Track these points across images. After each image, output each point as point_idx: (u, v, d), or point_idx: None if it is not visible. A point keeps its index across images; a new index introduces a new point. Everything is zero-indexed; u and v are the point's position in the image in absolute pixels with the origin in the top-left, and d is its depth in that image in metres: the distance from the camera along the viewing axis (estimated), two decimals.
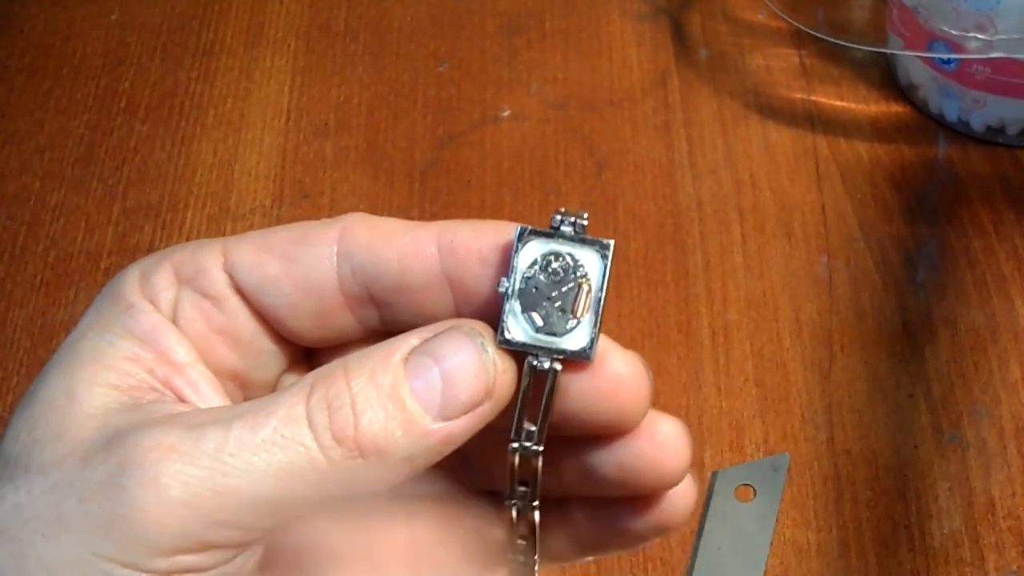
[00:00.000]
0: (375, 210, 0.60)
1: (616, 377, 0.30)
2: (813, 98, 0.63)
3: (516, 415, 0.29)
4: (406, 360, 0.28)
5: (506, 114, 0.64)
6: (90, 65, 0.69)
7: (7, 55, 0.70)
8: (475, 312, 0.31)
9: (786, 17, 0.63)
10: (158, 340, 0.30)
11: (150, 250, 0.60)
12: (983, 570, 0.47)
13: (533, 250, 0.30)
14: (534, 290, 0.30)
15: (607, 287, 0.30)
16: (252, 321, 0.31)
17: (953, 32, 0.56)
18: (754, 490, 0.50)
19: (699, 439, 0.51)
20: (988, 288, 0.55)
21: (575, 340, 0.30)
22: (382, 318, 0.32)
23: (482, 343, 0.29)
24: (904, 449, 0.50)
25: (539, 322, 0.30)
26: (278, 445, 0.27)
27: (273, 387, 0.33)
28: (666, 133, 0.62)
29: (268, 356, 0.32)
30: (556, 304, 0.30)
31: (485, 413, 0.28)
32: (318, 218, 0.64)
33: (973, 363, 0.52)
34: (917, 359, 0.53)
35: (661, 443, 0.32)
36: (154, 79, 0.68)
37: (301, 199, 0.62)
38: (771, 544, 0.48)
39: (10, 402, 0.55)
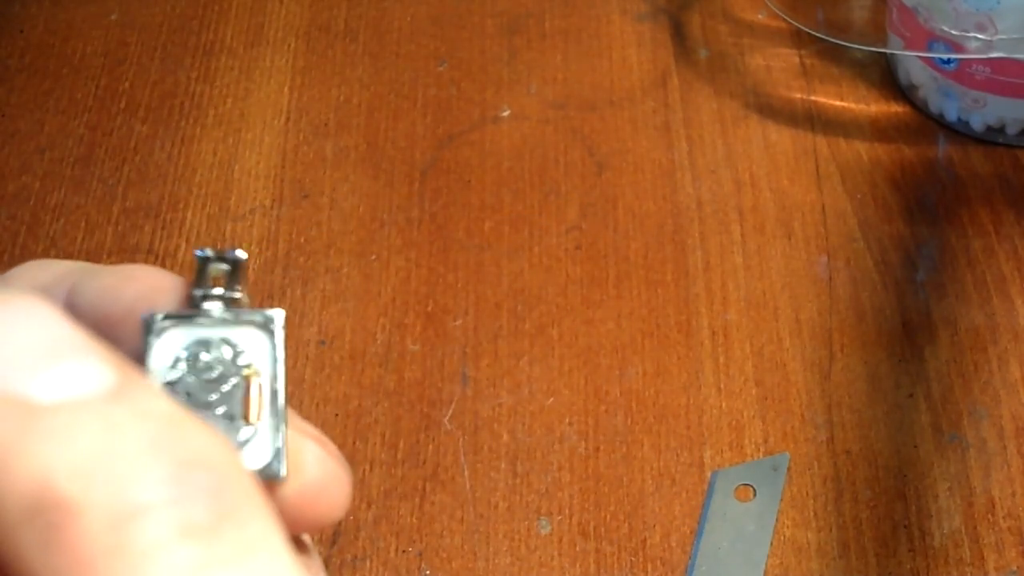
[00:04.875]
0: (375, 210, 0.61)
1: (314, 487, 0.23)
2: (813, 98, 0.63)
3: None
4: None
5: (506, 114, 0.64)
6: (90, 65, 0.69)
7: (7, 55, 0.70)
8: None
9: (786, 17, 0.63)
10: None
11: (150, 250, 0.60)
12: (983, 570, 0.47)
13: (174, 342, 0.22)
14: (185, 397, 0.22)
15: (284, 375, 0.23)
16: None
17: (953, 32, 0.56)
18: (754, 490, 0.50)
19: (699, 439, 0.51)
20: (988, 288, 0.55)
21: (255, 455, 0.22)
22: None
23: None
24: (904, 449, 0.50)
25: None
26: None
27: None
28: (666, 133, 0.62)
29: None
30: (219, 411, 0.22)
31: None
32: (318, 218, 0.64)
33: (973, 363, 0.53)
34: (917, 359, 0.53)
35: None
36: (154, 79, 0.68)
37: (301, 199, 0.62)
38: (771, 544, 0.48)
39: None
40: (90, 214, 0.62)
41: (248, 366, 0.22)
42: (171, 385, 0.22)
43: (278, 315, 0.23)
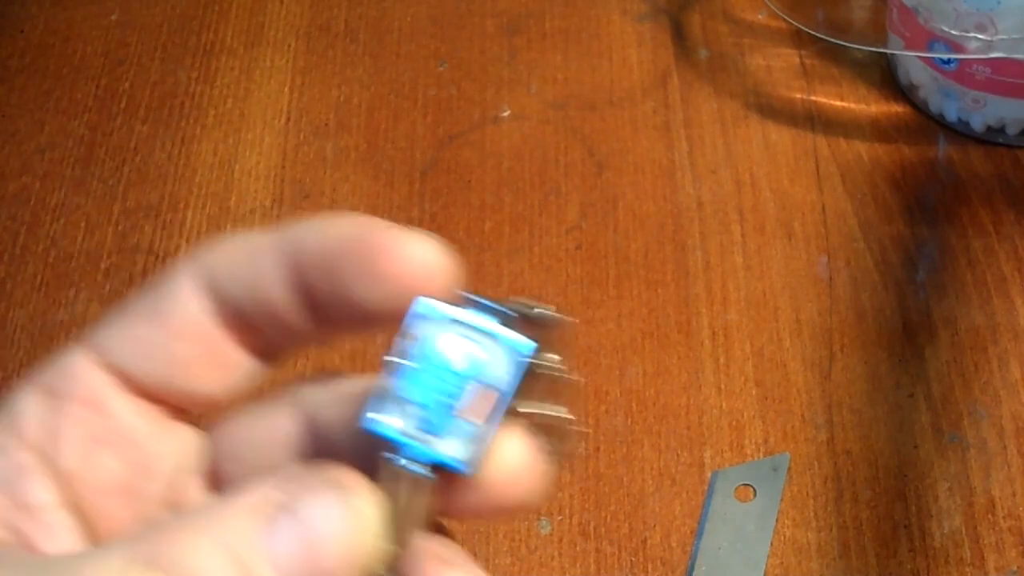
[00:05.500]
0: (375, 210, 0.61)
1: (507, 479, 0.25)
2: (813, 98, 0.63)
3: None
4: (263, 515, 0.23)
5: (506, 114, 0.64)
6: (90, 65, 0.69)
7: (7, 55, 0.70)
8: (334, 331, 0.27)
9: (786, 17, 0.63)
10: (14, 483, 0.26)
11: (150, 250, 0.60)
12: (983, 570, 0.47)
13: (440, 326, 0.25)
14: (425, 376, 0.24)
15: (512, 397, 0.24)
16: (143, 418, 0.27)
17: (953, 32, 0.56)
18: (754, 490, 0.50)
19: (699, 439, 0.51)
20: (988, 288, 0.55)
21: (456, 447, 0.24)
22: (268, 346, 0.28)
23: (356, 503, 0.23)
24: (904, 449, 0.50)
25: (419, 414, 0.24)
26: None
27: (174, 500, 0.28)
28: (666, 133, 0.62)
29: (166, 460, 0.28)
30: (445, 399, 0.24)
31: None
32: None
33: (973, 363, 0.53)
34: (917, 359, 0.53)
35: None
36: (154, 79, 0.68)
37: (301, 199, 0.62)
38: (771, 544, 0.48)
39: None
40: (90, 214, 0.62)
41: (491, 376, 0.24)
42: (420, 358, 0.24)
43: (528, 348, 0.24)
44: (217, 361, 0.28)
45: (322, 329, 0.27)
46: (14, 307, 0.59)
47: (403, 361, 0.24)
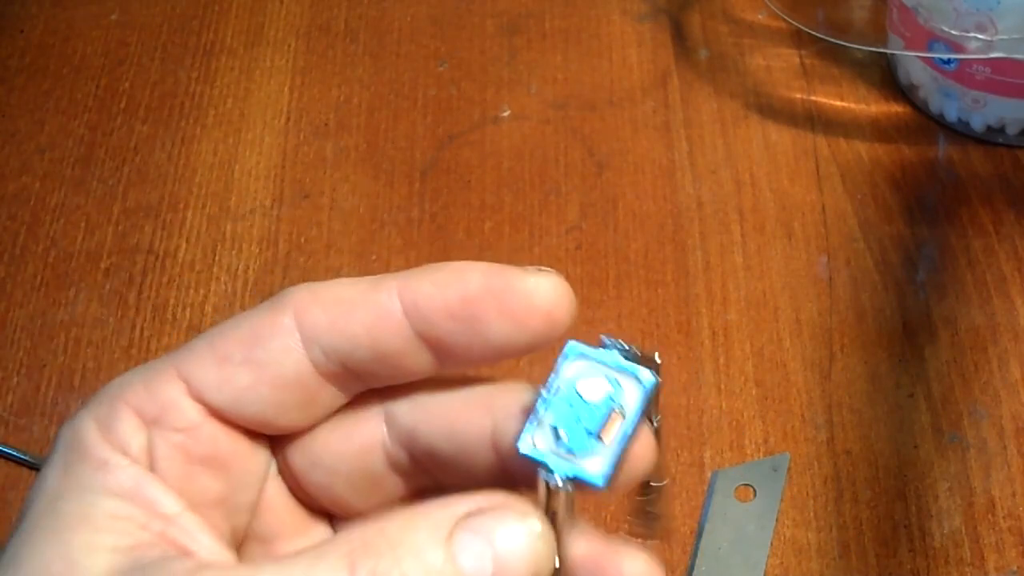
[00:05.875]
0: (375, 210, 0.61)
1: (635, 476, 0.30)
2: (813, 98, 0.63)
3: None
4: (448, 531, 0.26)
5: (506, 114, 0.64)
6: (90, 65, 0.69)
7: (7, 55, 0.70)
8: (458, 367, 0.30)
9: (786, 17, 0.63)
10: (142, 495, 0.28)
11: (150, 250, 0.60)
12: (983, 570, 0.47)
13: (578, 366, 0.29)
14: (568, 406, 0.29)
15: (639, 421, 0.29)
16: (231, 439, 0.30)
17: (953, 32, 0.56)
18: (754, 490, 0.50)
19: (699, 439, 0.51)
20: (988, 288, 0.55)
21: (593, 464, 0.29)
22: (366, 383, 0.31)
23: (535, 526, 0.27)
24: (904, 449, 0.50)
25: (564, 438, 0.29)
26: None
27: (255, 505, 0.31)
28: (666, 133, 0.62)
29: (253, 473, 0.31)
30: (585, 425, 0.29)
31: None
32: (319, 218, 0.64)
33: (973, 363, 0.53)
34: (917, 359, 0.53)
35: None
36: (154, 79, 0.68)
37: (301, 199, 0.62)
38: (771, 544, 0.48)
39: (10, 402, 0.55)
40: (90, 214, 0.62)
41: (619, 404, 0.29)
42: (563, 393, 0.29)
43: (651, 381, 0.29)
44: (311, 403, 0.30)
45: (439, 366, 0.30)
46: (14, 307, 0.59)
47: (548, 394, 0.29)
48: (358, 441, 0.32)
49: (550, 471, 0.28)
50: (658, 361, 0.29)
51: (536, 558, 0.27)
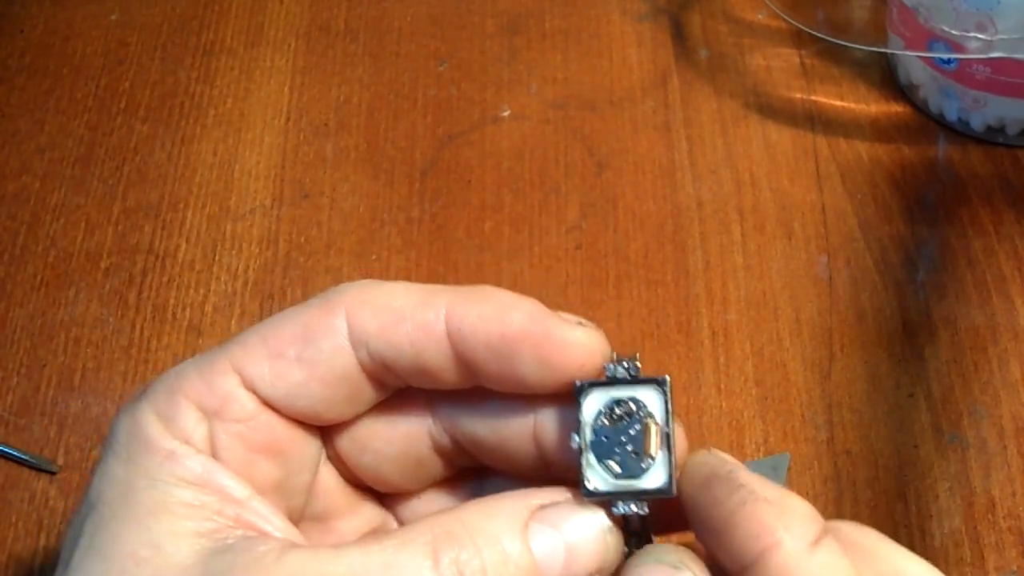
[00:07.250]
0: (375, 210, 0.61)
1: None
2: (813, 98, 0.63)
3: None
4: (528, 525, 0.29)
5: (506, 114, 0.64)
6: (90, 65, 0.69)
7: (7, 55, 0.70)
8: (492, 388, 0.32)
9: (786, 17, 0.63)
10: (213, 482, 0.30)
11: (150, 250, 0.60)
12: (983, 570, 0.47)
13: (595, 401, 0.31)
14: (604, 439, 0.31)
15: (672, 421, 0.31)
16: (286, 428, 0.32)
17: (953, 32, 0.56)
18: None
19: (699, 439, 0.51)
20: (988, 288, 0.55)
21: (654, 478, 0.31)
22: (407, 383, 0.33)
23: (606, 526, 0.29)
24: (904, 449, 0.50)
25: (616, 468, 0.30)
26: None
27: (310, 487, 0.33)
28: (666, 133, 0.62)
29: (306, 458, 0.33)
30: (628, 448, 0.31)
31: None
32: (319, 218, 0.64)
33: (973, 363, 0.53)
34: (917, 359, 0.53)
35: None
36: (154, 79, 0.68)
37: (301, 199, 0.62)
38: None
39: (10, 402, 0.55)
40: (90, 214, 0.62)
41: (648, 415, 0.31)
42: (596, 431, 0.31)
43: (666, 380, 0.31)
44: (357, 397, 0.32)
45: (474, 383, 0.32)
46: (14, 307, 0.59)
47: (581, 438, 0.31)
48: (404, 429, 0.34)
49: (624, 503, 0.30)
50: (664, 379, 0.31)
51: (605, 549, 0.29)
